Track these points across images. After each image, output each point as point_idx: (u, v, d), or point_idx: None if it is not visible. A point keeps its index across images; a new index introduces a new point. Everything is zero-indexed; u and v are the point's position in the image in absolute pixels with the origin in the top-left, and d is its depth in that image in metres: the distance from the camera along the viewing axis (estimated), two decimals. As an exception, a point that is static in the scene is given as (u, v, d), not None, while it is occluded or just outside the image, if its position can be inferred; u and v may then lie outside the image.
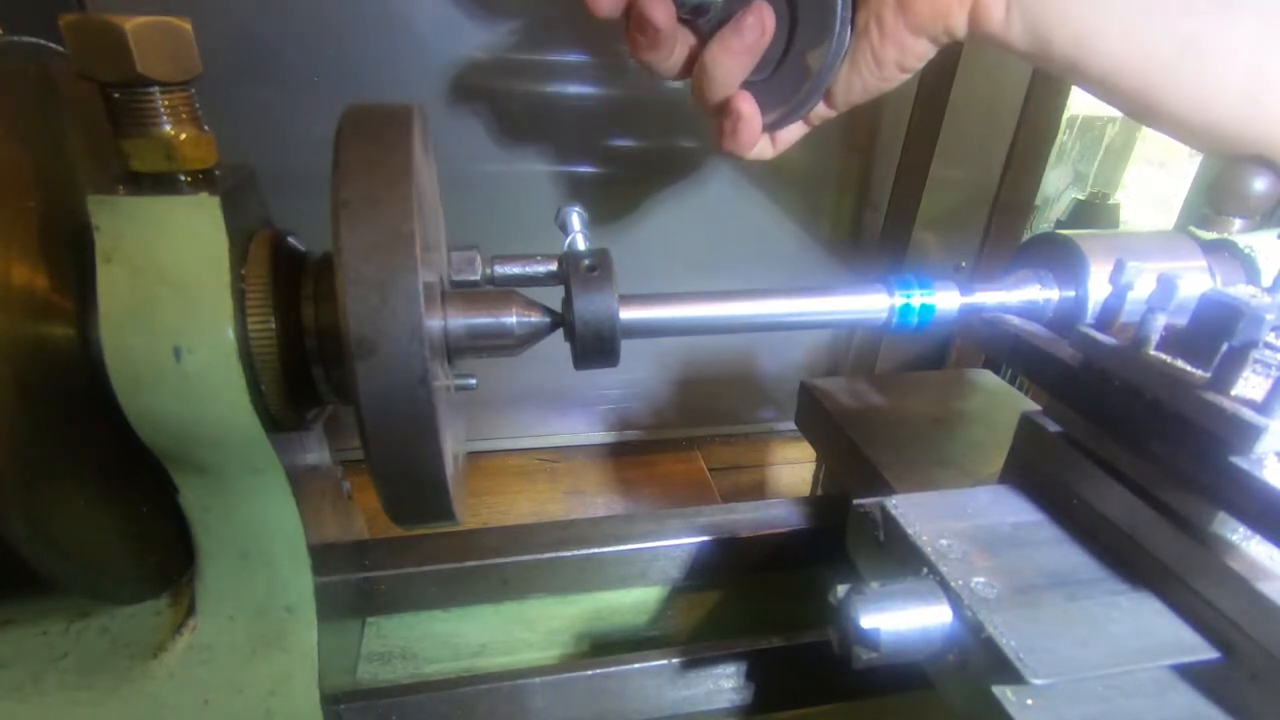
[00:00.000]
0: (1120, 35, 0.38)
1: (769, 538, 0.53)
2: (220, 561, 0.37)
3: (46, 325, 0.30)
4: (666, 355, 0.89)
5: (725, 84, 0.45)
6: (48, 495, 0.30)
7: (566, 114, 0.71)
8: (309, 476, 0.39)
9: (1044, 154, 0.80)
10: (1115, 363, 0.32)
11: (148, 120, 0.29)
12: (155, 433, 0.31)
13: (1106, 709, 0.27)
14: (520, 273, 0.37)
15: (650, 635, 0.52)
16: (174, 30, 0.29)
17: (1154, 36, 0.37)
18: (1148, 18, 0.37)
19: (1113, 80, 0.39)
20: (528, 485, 0.88)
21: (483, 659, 0.49)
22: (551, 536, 0.51)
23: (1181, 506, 0.30)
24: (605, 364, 0.35)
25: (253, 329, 0.31)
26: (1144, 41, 0.37)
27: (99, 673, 0.37)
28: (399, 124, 0.29)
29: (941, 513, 0.35)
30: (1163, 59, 0.38)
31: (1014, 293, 0.40)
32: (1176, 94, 0.38)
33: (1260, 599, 0.27)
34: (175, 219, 0.30)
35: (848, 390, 0.58)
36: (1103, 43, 0.38)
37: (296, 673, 0.38)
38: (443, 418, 0.29)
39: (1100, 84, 0.40)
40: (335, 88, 0.65)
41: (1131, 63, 0.38)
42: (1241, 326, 0.27)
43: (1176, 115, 0.39)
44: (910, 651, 0.30)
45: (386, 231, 0.27)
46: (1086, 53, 0.39)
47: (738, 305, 0.36)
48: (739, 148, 0.47)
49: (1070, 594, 0.30)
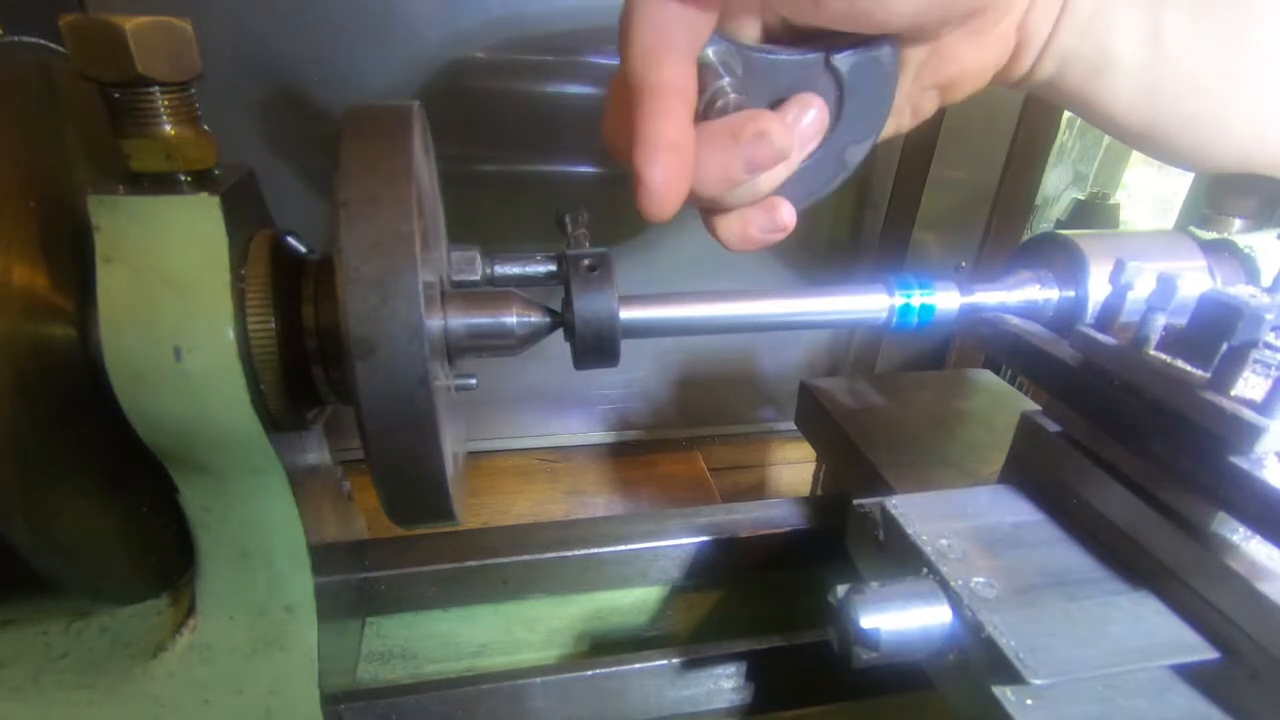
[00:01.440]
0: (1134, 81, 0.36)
1: (769, 538, 0.53)
2: (220, 561, 0.37)
3: (46, 325, 0.30)
4: (666, 355, 0.89)
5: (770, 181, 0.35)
6: (48, 495, 0.30)
7: (566, 114, 0.71)
8: (309, 476, 0.39)
9: (1044, 154, 0.80)
10: (1115, 363, 0.32)
11: (148, 120, 0.29)
12: (155, 433, 0.31)
13: (1106, 709, 0.27)
14: (520, 273, 0.37)
15: (650, 635, 0.52)
16: (174, 30, 0.29)
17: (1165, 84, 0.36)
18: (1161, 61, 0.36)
19: (1122, 120, 0.38)
20: (528, 485, 0.88)
21: (483, 659, 0.49)
22: (551, 536, 0.51)
23: (1181, 506, 0.30)
24: (605, 364, 0.35)
25: (253, 329, 0.31)
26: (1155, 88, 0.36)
27: (99, 673, 0.37)
28: (399, 124, 0.29)
29: (941, 513, 0.35)
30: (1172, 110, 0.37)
31: (1014, 293, 0.40)
32: (1185, 136, 0.37)
33: (1260, 599, 0.27)
34: (175, 219, 0.30)
35: (848, 390, 0.58)
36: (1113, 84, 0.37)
37: (296, 673, 0.38)
38: (443, 418, 0.29)
39: (1106, 122, 0.39)
40: (335, 88, 0.65)
41: (1140, 105, 0.37)
42: (1241, 326, 0.27)
43: (1183, 153, 0.39)
44: (910, 651, 0.30)
45: (386, 231, 0.27)
46: (1095, 93, 0.37)
47: (738, 305, 0.36)
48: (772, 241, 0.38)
49: (1070, 594, 0.30)
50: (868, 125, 0.37)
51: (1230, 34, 0.34)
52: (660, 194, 0.31)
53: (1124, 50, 0.35)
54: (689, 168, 0.31)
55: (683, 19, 0.31)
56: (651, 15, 0.30)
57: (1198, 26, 0.34)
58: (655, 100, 0.30)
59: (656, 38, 0.30)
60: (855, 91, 0.35)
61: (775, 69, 0.34)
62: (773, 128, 0.32)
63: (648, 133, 0.30)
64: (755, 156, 0.32)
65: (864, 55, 0.34)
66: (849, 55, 0.34)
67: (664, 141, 0.30)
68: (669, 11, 0.30)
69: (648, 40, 0.30)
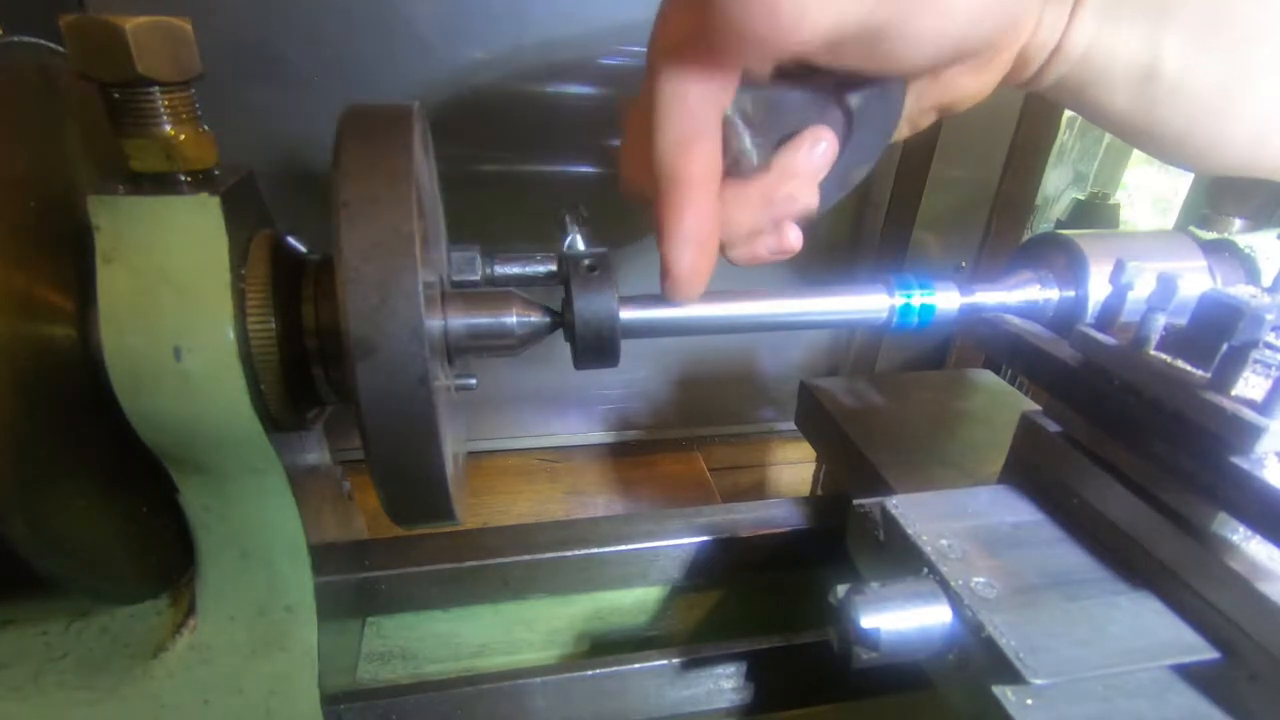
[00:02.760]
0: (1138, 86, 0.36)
1: (769, 538, 0.53)
2: (220, 561, 0.37)
3: (46, 325, 0.30)
4: (666, 355, 0.89)
5: None
6: (48, 495, 0.30)
7: (567, 114, 0.71)
8: (309, 476, 0.39)
9: (1044, 154, 0.80)
10: (1115, 363, 0.32)
11: (148, 120, 0.29)
12: (155, 433, 0.31)
13: (1106, 709, 0.27)
14: (520, 273, 0.37)
15: (650, 635, 0.52)
16: (174, 30, 0.29)
17: None
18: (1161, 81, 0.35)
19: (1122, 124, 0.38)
20: (528, 485, 0.88)
21: (483, 659, 0.49)
22: (551, 536, 0.51)
23: (1181, 506, 0.30)
24: (605, 364, 0.35)
25: (253, 329, 0.31)
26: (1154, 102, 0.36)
27: (99, 673, 0.37)
28: (399, 124, 0.29)
29: (941, 513, 0.35)
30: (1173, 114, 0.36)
31: (1014, 293, 0.40)
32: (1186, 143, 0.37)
33: (1260, 599, 0.27)
34: (175, 219, 0.30)
35: (848, 390, 0.58)
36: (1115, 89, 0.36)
37: (296, 673, 0.38)
38: (443, 418, 0.29)
39: (1104, 123, 0.39)
40: (335, 88, 0.65)
41: (1139, 115, 0.36)
42: (1241, 326, 0.27)
43: (1183, 158, 0.38)
44: (910, 651, 0.30)
45: (386, 231, 0.27)
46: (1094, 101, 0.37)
47: (738, 305, 0.36)
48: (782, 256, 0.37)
49: (1070, 594, 0.30)
50: (872, 150, 0.37)
51: (1233, 51, 0.34)
52: (688, 283, 0.32)
53: (1123, 74, 0.35)
54: (715, 254, 0.33)
55: (712, 99, 0.30)
56: (681, 103, 0.29)
57: (1200, 46, 0.34)
58: (685, 194, 0.30)
59: (686, 127, 0.30)
60: (863, 122, 0.35)
61: (788, 105, 0.34)
62: (802, 191, 0.33)
63: (676, 227, 0.30)
64: (784, 214, 0.34)
65: (874, 91, 0.34)
66: (861, 92, 0.34)
67: (692, 236, 0.31)
68: (697, 94, 0.30)
69: (679, 130, 0.30)
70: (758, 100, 0.33)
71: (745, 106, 0.33)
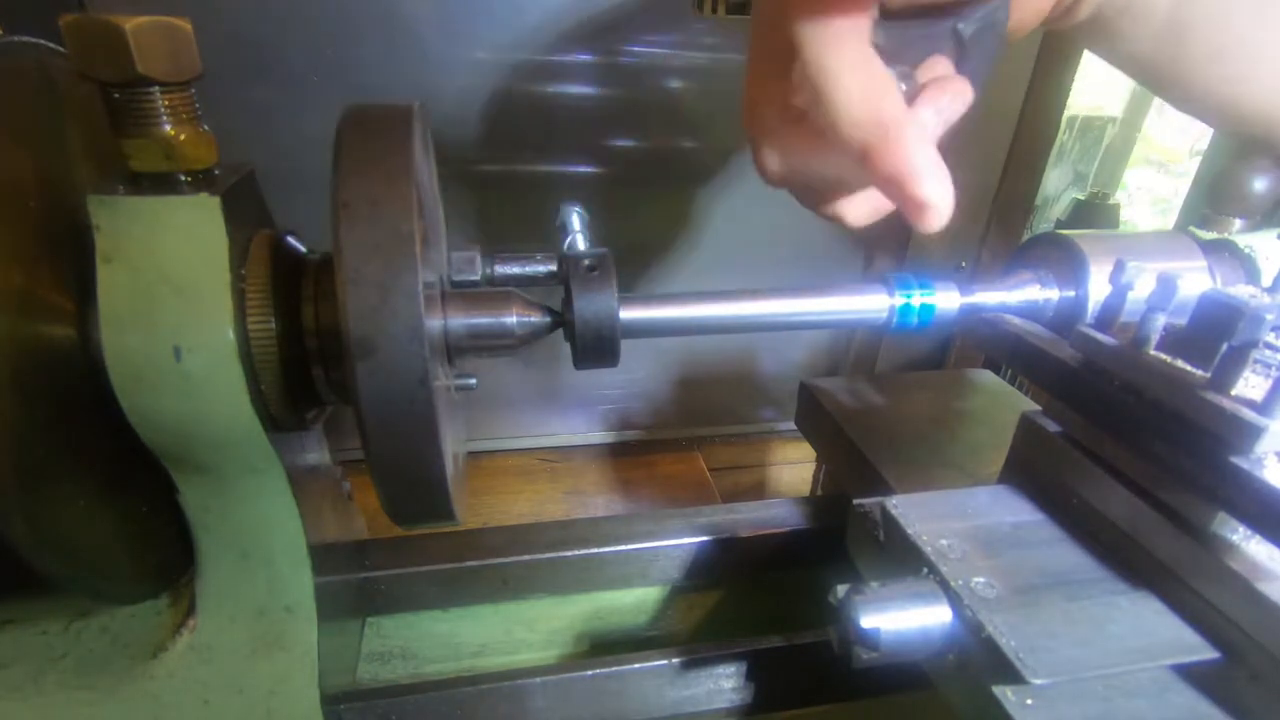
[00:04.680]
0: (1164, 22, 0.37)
1: (769, 538, 0.53)
2: (220, 561, 0.37)
3: (46, 325, 0.30)
4: (666, 355, 0.89)
5: None
6: (48, 495, 0.30)
7: (567, 114, 0.71)
8: (309, 476, 0.39)
9: (1044, 154, 0.80)
10: (1115, 362, 0.32)
11: (148, 120, 0.29)
12: (155, 433, 0.31)
13: (1106, 709, 0.27)
14: (520, 273, 0.37)
15: (650, 635, 0.52)
16: (174, 30, 0.29)
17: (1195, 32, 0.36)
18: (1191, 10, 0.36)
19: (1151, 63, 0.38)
20: (528, 485, 0.88)
21: (483, 659, 0.49)
22: (551, 536, 0.51)
23: (1181, 506, 0.30)
24: (605, 364, 0.35)
25: (253, 329, 0.31)
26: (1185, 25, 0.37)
27: (99, 673, 0.37)
28: (399, 124, 0.29)
29: (941, 513, 0.35)
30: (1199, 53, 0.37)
31: (1014, 293, 0.40)
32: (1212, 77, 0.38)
33: (1260, 599, 0.27)
34: (175, 219, 0.30)
35: (848, 390, 0.58)
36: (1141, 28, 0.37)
37: (296, 673, 0.38)
38: (443, 418, 0.29)
39: (1133, 64, 0.39)
40: (335, 88, 0.65)
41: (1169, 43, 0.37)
42: (1241, 326, 0.27)
43: (1209, 96, 0.39)
44: (910, 651, 0.30)
45: (386, 231, 0.27)
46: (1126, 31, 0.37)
47: (738, 305, 0.36)
48: None
49: (1070, 594, 0.30)
50: (979, 77, 0.38)
51: (1258, 1, 0.35)
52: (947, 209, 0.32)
53: (1149, 16, 0.36)
54: None
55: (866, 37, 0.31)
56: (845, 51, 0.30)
57: None
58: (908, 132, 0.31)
59: (863, 75, 0.31)
60: (973, 50, 0.37)
61: (907, 39, 0.36)
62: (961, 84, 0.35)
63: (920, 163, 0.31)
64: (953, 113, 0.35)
65: (984, 18, 0.36)
66: (973, 20, 0.35)
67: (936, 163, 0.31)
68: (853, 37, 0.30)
69: (858, 80, 0.30)
70: (889, 35, 0.34)
71: (879, 41, 0.33)
